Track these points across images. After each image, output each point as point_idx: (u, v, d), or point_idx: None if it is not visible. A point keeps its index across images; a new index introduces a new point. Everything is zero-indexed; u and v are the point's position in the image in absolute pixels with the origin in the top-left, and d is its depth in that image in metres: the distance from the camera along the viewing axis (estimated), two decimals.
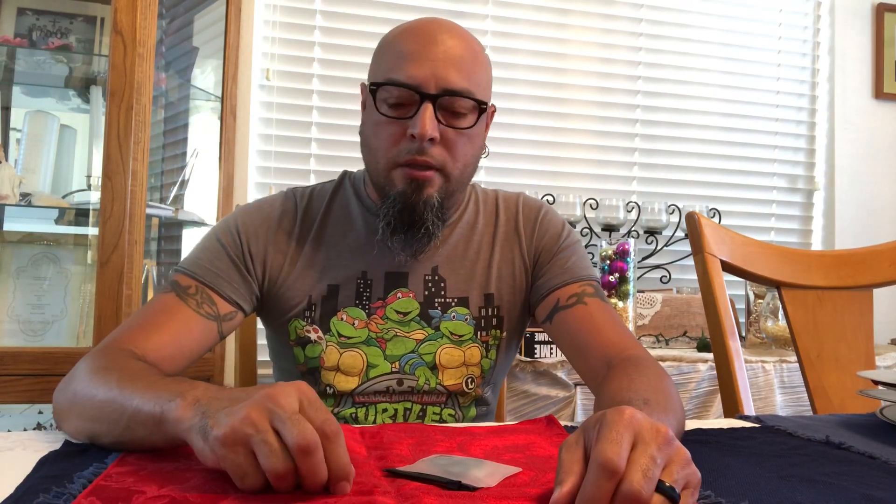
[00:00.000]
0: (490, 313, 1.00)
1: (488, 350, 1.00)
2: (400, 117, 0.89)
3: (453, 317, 0.98)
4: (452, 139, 0.90)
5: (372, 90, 0.91)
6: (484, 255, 1.01)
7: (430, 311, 0.98)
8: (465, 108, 0.90)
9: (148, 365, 0.75)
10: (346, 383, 0.96)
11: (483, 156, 1.00)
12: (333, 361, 0.96)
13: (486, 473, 0.55)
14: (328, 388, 0.96)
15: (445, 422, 0.98)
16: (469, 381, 0.99)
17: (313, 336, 0.96)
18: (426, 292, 0.98)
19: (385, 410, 0.97)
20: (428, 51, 0.88)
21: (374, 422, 0.96)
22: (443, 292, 0.99)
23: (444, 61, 0.88)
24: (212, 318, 0.90)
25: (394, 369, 0.96)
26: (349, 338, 0.96)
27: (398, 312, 0.97)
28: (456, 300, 0.99)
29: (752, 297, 2.17)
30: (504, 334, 1.01)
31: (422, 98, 0.87)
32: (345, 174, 1.06)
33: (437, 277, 0.99)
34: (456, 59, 0.88)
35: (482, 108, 0.91)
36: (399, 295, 0.97)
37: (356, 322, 0.96)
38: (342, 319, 0.96)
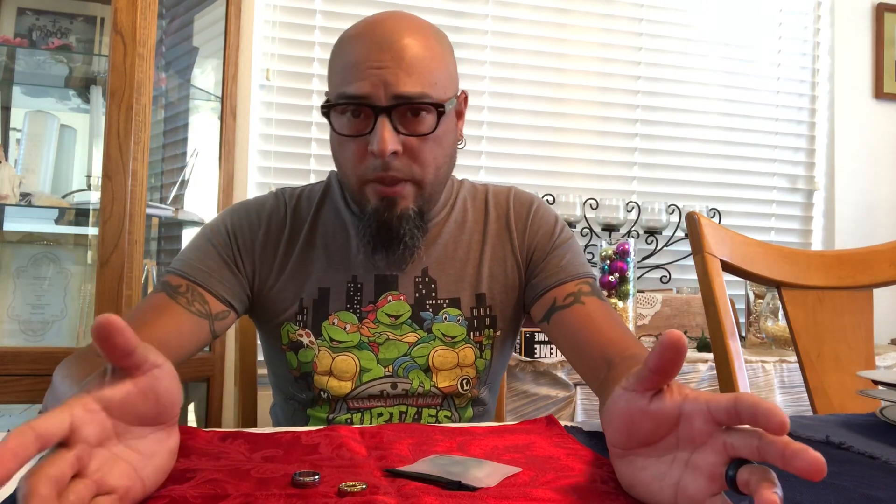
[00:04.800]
0: (482, 313, 0.99)
1: (482, 350, 0.99)
2: (358, 134, 0.86)
3: (445, 318, 0.97)
4: (417, 147, 0.86)
5: (325, 112, 0.88)
6: (474, 254, 0.99)
7: (422, 314, 0.96)
8: (423, 112, 0.85)
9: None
10: (340, 388, 0.95)
11: (459, 146, 0.97)
12: (326, 366, 0.95)
13: (486, 473, 0.55)
14: (322, 393, 0.95)
15: (442, 423, 0.98)
16: (464, 382, 0.98)
17: (305, 340, 0.95)
18: (417, 294, 0.96)
19: (381, 415, 0.96)
20: (375, 58, 0.83)
21: None
22: (434, 294, 0.97)
23: (394, 67, 0.82)
24: (203, 317, 0.88)
25: (387, 373, 0.95)
26: (341, 342, 0.95)
27: (390, 316, 0.96)
28: (447, 301, 0.97)
29: (752, 297, 2.17)
30: (498, 333, 1.00)
31: (375, 112, 0.83)
32: (332, 176, 1.04)
33: (427, 279, 0.97)
34: (407, 61, 0.83)
35: (442, 111, 0.86)
36: (390, 298, 0.96)
37: (348, 326, 0.95)
38: (334, 324, 0.95)
